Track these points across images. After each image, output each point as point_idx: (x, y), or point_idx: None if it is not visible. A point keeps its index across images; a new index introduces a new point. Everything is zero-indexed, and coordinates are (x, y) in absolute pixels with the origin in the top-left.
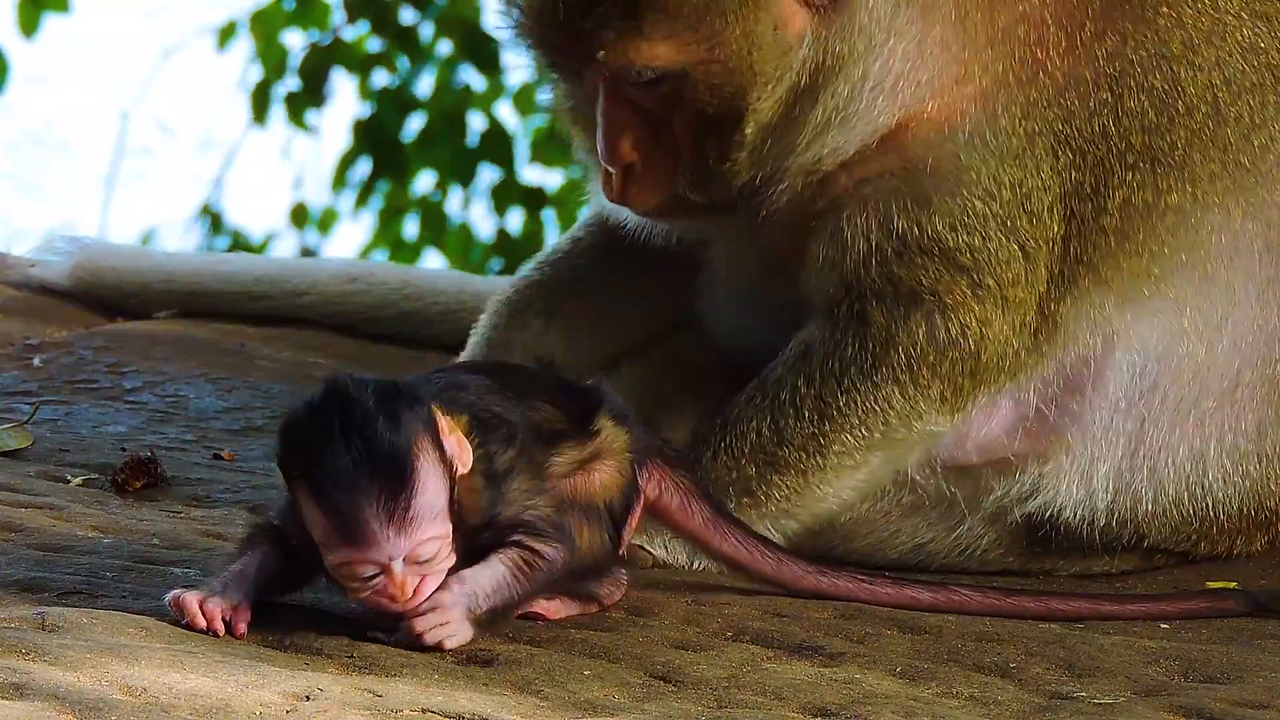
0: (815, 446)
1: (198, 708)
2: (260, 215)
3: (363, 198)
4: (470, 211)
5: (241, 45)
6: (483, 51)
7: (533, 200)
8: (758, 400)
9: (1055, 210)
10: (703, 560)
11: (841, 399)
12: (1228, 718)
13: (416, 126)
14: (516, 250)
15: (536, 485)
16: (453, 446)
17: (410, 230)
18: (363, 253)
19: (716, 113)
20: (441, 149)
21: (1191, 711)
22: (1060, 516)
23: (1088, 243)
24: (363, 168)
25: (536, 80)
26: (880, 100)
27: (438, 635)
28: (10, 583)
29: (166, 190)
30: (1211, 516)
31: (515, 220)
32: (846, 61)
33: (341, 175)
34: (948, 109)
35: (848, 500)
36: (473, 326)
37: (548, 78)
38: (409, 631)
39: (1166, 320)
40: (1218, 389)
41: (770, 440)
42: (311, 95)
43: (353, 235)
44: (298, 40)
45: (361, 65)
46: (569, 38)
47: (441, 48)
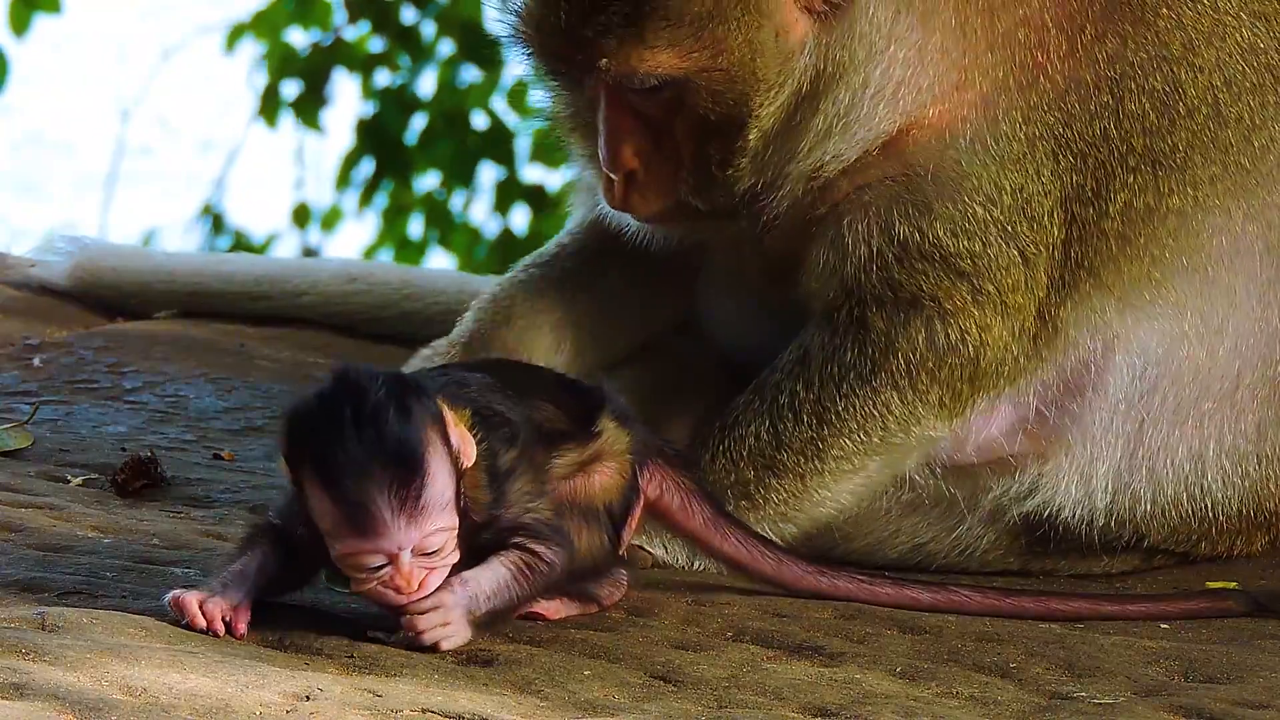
0: (814, 451)
1: (198, 708)
2: (262, 215)
3: (366, 197)
4: (473, 211)
5: (242, 46)
6: (484, 51)
7: (535, 199)
8: (756, 404)
9: (1056, 214)
10: (702, 560)
11: (840, 404)
12: (1228, 718)
13: (419, 126)
14: (521, 249)
15: (537, 487)
16: (458, 440)
17: (415, 229)
18: (368, 252)
19: (718, 119)
20: (443, 148)
21: (1191, 711)
22: (1059, 516)
23: (1088, 247)
24: (366, 167)
25: (532, 83)
26: (881, 106)
27: (438, 635)
28: (10, 583)
29: (167, 190)
30: (1211, 517)
31: (520, 219)
32: (848, 68)
33: (345, 175)
34: (948, 115)
35: (846, 505)
36: None
37: (547, 85)
38: (410, 629)
39: (1167, 323)
40: (1217, 391)
41: (769, 444)
42: (313, 95)
43: (357, 235)
44: (300, 40)
45: (363, 65)
46: (570, 46)
47: (443, 47)
